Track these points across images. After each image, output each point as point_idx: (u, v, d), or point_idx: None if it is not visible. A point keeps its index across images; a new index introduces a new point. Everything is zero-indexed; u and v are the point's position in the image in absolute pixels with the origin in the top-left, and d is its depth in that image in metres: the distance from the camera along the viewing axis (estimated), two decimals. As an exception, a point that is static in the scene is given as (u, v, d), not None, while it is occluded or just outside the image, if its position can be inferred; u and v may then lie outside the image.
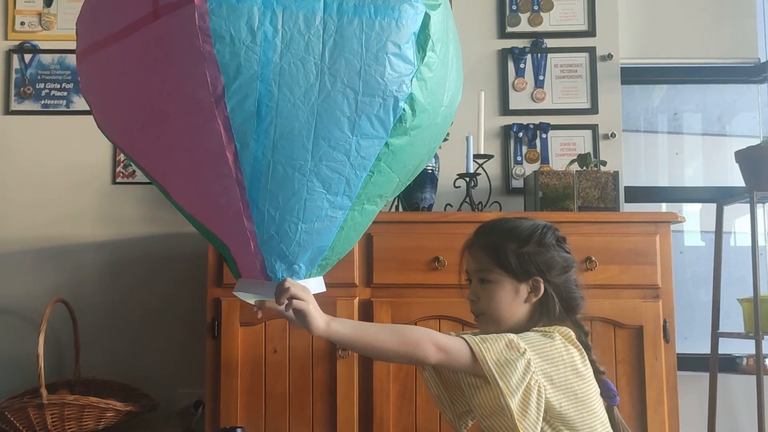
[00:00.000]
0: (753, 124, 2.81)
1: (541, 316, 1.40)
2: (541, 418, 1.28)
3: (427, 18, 1.22)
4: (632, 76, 2.70)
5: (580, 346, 1.37)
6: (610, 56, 2.58)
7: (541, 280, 1.39)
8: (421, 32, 1.22)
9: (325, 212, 1.26)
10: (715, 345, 2.42)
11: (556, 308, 1.39)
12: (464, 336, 1.32)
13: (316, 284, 1.35)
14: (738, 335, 2.35)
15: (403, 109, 1.22)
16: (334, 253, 1.35)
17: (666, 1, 2.70)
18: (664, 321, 1.95)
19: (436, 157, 2.31)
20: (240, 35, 1.12)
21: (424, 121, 1.27)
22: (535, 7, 2.62)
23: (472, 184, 2.30)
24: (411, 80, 1.21)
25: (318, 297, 1.86)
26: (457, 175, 2.30)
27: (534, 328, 1.38)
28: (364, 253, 1.99)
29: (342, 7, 1.16)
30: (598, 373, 1.39)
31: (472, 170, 2.27)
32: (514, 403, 1.25)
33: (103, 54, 1.26)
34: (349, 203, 1.27)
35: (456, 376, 1.41)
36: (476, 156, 2.28)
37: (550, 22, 2.62)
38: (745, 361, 2.52)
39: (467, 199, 2.29)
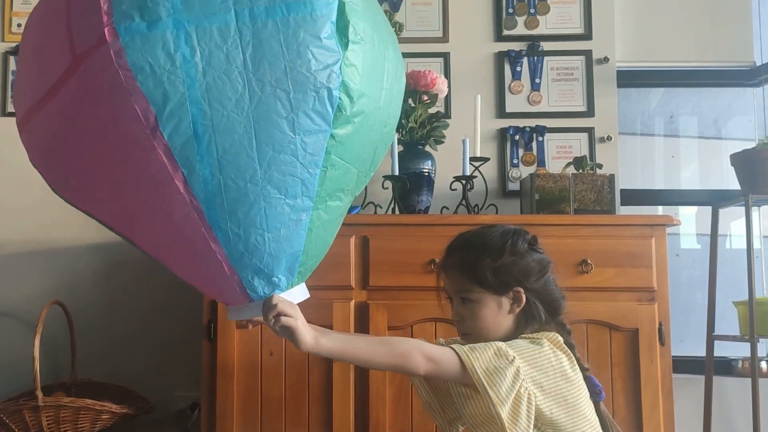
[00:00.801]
0: (749, 127, 2.82)
1: (527, 324, 1.40)
2: (531, 426, 1.28)
3: (341, 4, 1.22)
4: (628, 79, 2.71)
5: (569, 351, 1.37)
6: (606, 59, 2.59)
7: (522, 290, 1.39)
8: (339, 19, 1.22)
9: (288, 217, 1.25)
10: (710, 348, 2.43)
11: (540, 314, 1.40)
12: (453, 345, 1.31)
13: (299, 292, 1.35)
14: (733, 338, 2.36)
15: (340, 98, 1.22)
16: (309, 257, 1.34)
17: (662, 5, 2.71)
18: (660, 324, 1.95)
19: (432, 159, 2.31)
20: (159, 62, 1.13)
21: (366, 106, 1.27)
22: (532, 11, 2.63)
23: (469, 186, 2.30)
24: (339, 68, 1.21)
25: (313, 299, 1.86)
26: (454, 177, 2.31)
27: (522, 335, 1.38)
28: (360, 256, 1.99)
29: (253, 12, 1.17)
30: (582, 370, 1.40)
31: (468, 173, 2.27)
32: (504, 412, 1.25)
33: (39, 118, 1.26)
34: (310, 203, 1.27)
35: (446, 384, 1.41)
36: (472, 159, 2.28)
37: (546, 25, 2.63)
38: (740, 363, 2.53)
39: (463, 202, 2.29)
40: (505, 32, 2.62)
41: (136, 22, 1.13)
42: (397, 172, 2.20)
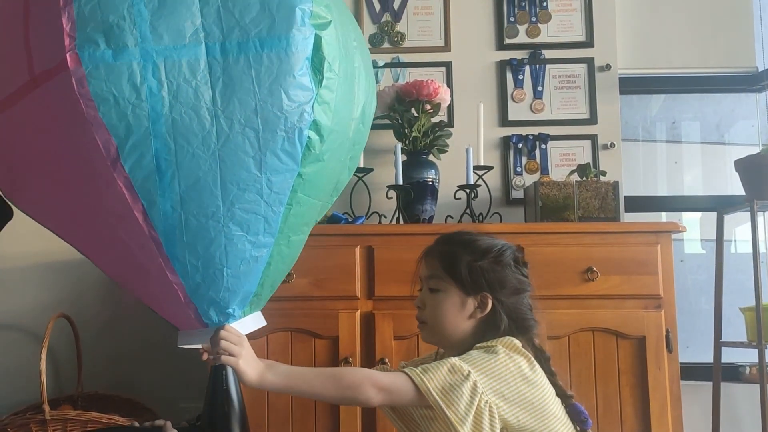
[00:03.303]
0: (751, 132, 2.82)
1: (486, 333, 1.37)
2: None
3: (318, 39, 1.18)
4: (630, 86, 2.71)
5: (526, 353, 1.34)
6: (608, 67, 2.59)
7: (490, 297, 1.37)
8: (314, 55, 1.17)
9: (249, 253, 1.22)
10: (717, 354, 2.42)
11: (502, 326, 1.36)
12: (405, 369, 1.29)
13: (253, 321, 1.33)
14: (741, 344, 2.35)
15: (309, 137, 1.18)
16: (264, 288, 1.32)
17: (663, 11, 2.72)
18: (667, 331, 1.95)
19: (436, 168, 2.32)
20: (124, 94, 1.08)
21: (335, 141, 1.24)
22: (533, 19, 2.64)
23: (473, 195, 2.30)
24: (312, 107, 1.17)
25: (319, 310, 1.86)
26: (458, 186, 2.31)
27: (477, 345, 1.35)
28: (366, 266, 1.99)
29: (225, 46, 1.12)
30: (565, 398, 1.36)
31: (472, 181, 2.27)
32: (465, 430, 1.22)
33: None
34: (272, 240, 1.24)
35: (408, 409, 1.38)
36: (476, 167, 2.29)
37: (548, 33, 2.64)
38: (748, 370, 2.52)
39: (468, 211, 2.29)
40: (507, 41, 2.63)
41: (101, 48, 1.07)
42: (401, 182, 2.21)
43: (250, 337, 1.31)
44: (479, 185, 2.31)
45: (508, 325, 1.37)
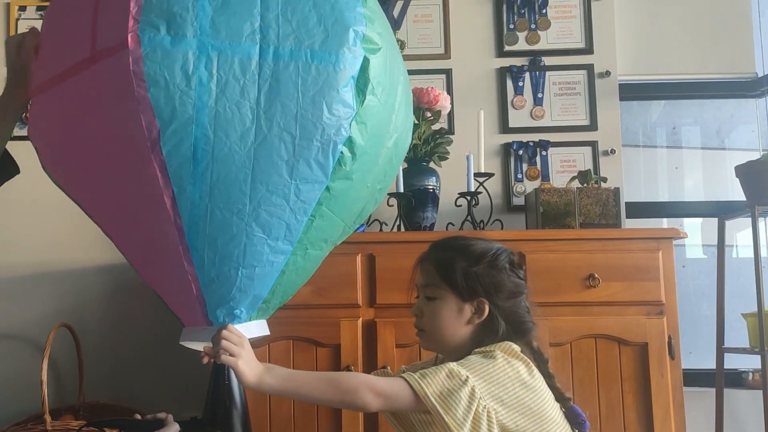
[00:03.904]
0: (752, 137, 2.82)
1: (484, 338, 1.37)
2: None
3: (366, 62, 1.21)
4: (630, 92, 2.72)
5: (525, 358, 1.34)
6: (608, 73, 2.60)
7: (487, 302, 1.37)
8: (360, 76, 1.21)
9: (266, 257, 1.24)
10: (720, 360, 2.41)
11: (500, 331, 1.36)
12: (404, 374, 1.29)
13: (257, 328, 1.34)
14: (743, 350, 2.34)
15: (342, 153, 1.21)
16: (275, 296, 1.33)
17: (662, 18, 2.72)
18: (669, 337, 1.94)
19: (436, 176, 2.32)
20: (175, 80, 1.12)
21: (366, 164, 1.26)
22: (533, 26, 2.65)
23: (474, 202, 2.30)
24: (350, 124, 1.20)
25: (321, 318, 1.86)
26: (458, 193, 2.31)
27: (475, 350, 1.35)
28: (367, 274, 1.99)
29: (278, 52, 1.16)
30: (563, 401, 1.36)
31: (473, 189, 2.27)
32: None
33: (47, 95, 1.26)
34: (290, 248, 1.26)
35: (406, 414, 1.38)
36: (477, 174, 2.29)
37: (547, 40, 2.64)
38: (751, 376, 2.51)
39: (469, 218, 2.29)
40: (507, 48, 2.64)
41: (161, 34, 1.12)
42: (401, 189, 2.20)
43: (252, 344, 1.31)
44: (480, 192, 2.31)
45: (506, 329, 1.37)
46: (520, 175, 2.57)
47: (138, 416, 1.40)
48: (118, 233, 1.33)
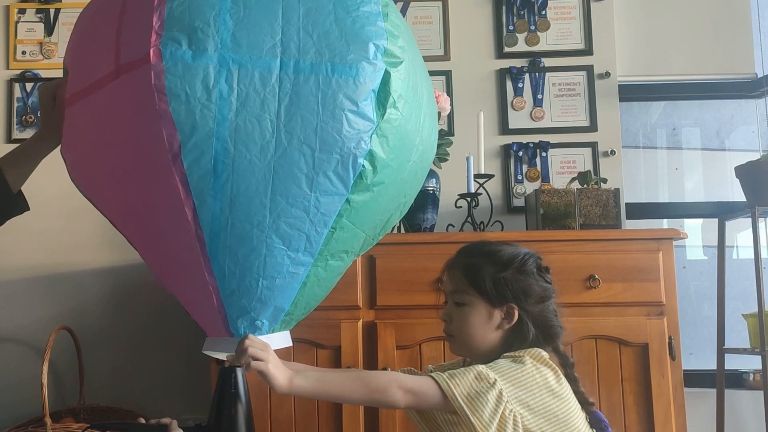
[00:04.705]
0: (751, 138, 2.82)
1: (513, 343, 1.38)
2: None
3: (387, 75, 1.22)
4: (630, 93, 2.72)
5: (554, 366, 1.35)
6: (607, 74, 2.60)
7: (516, 307, 1.38)
8: (381, 89, 1.22)
9: (287, 269, 1.25)
10: (721, 361, 2.41)
11: (530, 336, 1.38)
12: (433, 374, 1.30)
13: (280, 339, 1.34)
14: (744, 351, 2.34)
15: (363, 166, 1.21)
16: (297, 308, 1.33)
17: (662, 19, 2.73)
18: (670, 338, 1.94)
19: (436, 177, 2.32)
20: (195, 93, 1.13)
21: (388, 177, 1.26)
22: (532, 27, 2.65)
23: (474, 204, 2.30)
24: (370, 137, 1.21)
25: (321, 320, 1.86)
26: (458, 195, 2.31)
27: (504, 354, 1.36)
28: (367, 275, 1.99)
29: (298, 65, 1.17)
30: (586, 405, 1.37)
31: (473, 190, 2.27)
32: None
33: (78, 106, 1.27)
34: (311, 259, 1.26)
35: (432, 413, 1.39)
36: (477, 176, 2.29)
37: (547, 41, 2.64)
38: (751, 376, 2.51)
39: (469, 219, 2.29)
40: (506, 49, 2.64)
41: (182, 48, 1.13)
42: (402, 191, 2.20)
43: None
44: (480, 194, 2.31)
45: (536, 335, 1.38)
46: (520, 177, 2.57)
47: (142, 420, 1.40)
48: (143, 245, 1.35)
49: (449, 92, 2.58)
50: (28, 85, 2.61)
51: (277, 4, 1.18)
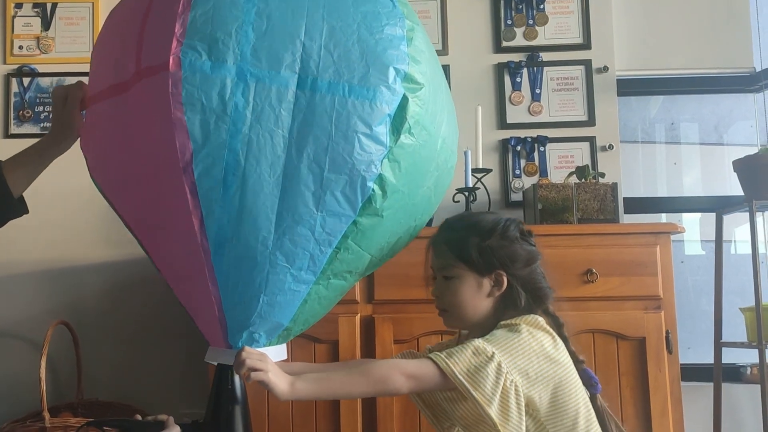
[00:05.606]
0: (750, 132, 2.82)
1: (506, 309, 1.39)
2: (523, 418, 1.27)
3: (405, 100, 1.21)
4: (628, 87, 2.72)
5: (551, 331, 1.36)
6: (605, 68, 2.60)
7: (504, 274, 1.39)
8: (397, 114, 1.21)
9: (288, 286, 1.24)
10: (718, 355, 2.42)
11: (521, 300, 1.39)
12: (431, 354, 1.29)
13: (276, 352, 1.34)
14: (741, 345, 2.35)
15: (372, 190, 1.21)
16: (296, 324, 1.33)
17: (660, 13, 2.72)
18: (667, 332, 1.94)
19: (434, 172, 2.32)
20: (211, 104, 1.13)
21: (398, 201, 1.26)
22: (530, 21, 2.64)
23: (472, 198, 2.30)
24: (381, 161, 1.20)
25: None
26: (456, 189, 2.31)
27: (500, 323, 1.36)
28: (365, 270, 1.99)
29: (316, 83, 1.16)
30: (577, 363, 1.38)
31: (471, 184, 2.27)
32: (493, 411, 1.24)
33: (97, 107, 1.29)
34: (313, 278, 1.26)
35: (433, 394, 1.40)
36: (475, 170, 2.29)
37: (545, 35, 2.64)
38: (749, 370, 2.52)
39: (467, 214, 2.29)
40: (505, 43, 2.63)
41: (202, 58, 1.13)
42: (399, 185, 2.20)
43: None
44: (478, 188, 2.31)
45: (527, 299, 1.39)
46: (518, 171, 2.57)
47: (139, 417, 1.40)
48: (153, 249, 1.35)
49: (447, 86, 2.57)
50: (25, 80, 2.60)
51: (301, 20, 1.17)
